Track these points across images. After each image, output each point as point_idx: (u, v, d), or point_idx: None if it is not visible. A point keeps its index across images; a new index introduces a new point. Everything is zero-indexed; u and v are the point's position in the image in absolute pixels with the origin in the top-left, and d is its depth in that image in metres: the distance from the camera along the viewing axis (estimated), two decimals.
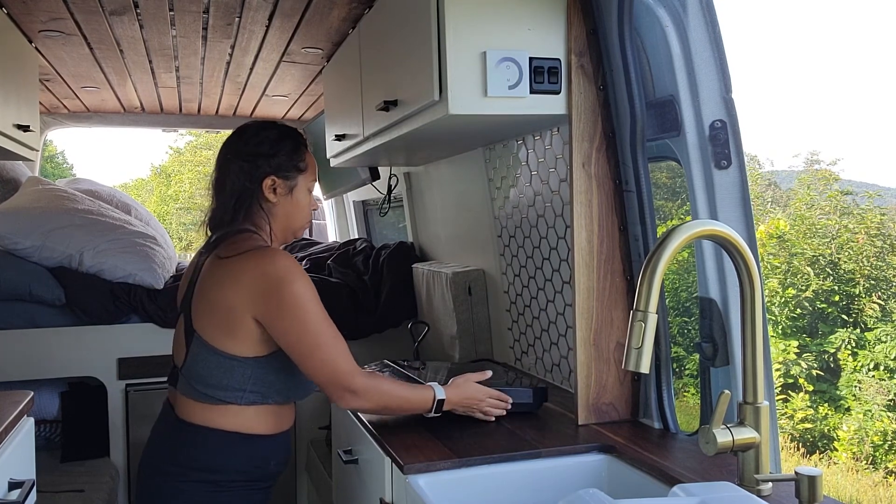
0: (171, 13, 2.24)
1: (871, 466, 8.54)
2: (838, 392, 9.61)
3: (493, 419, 1.69)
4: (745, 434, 1.22)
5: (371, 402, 1.53)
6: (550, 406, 1.83)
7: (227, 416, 1.52)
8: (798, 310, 10.14)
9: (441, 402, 1.61)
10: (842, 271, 10.34)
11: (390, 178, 3.17)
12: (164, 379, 1.66)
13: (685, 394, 7.85)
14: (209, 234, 1.64)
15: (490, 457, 1.47)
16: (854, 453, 8.71)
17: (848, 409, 9.28)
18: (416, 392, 1.59)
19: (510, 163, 2.21)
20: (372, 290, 3.03)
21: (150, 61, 2.80)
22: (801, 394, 9.48)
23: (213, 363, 1.50)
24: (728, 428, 1.22)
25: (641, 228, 1.66)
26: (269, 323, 1.47)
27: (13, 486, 1.45)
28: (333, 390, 1.49)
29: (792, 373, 9.61)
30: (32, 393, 1.67)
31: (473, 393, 1.66)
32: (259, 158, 1.59)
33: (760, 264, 1.30)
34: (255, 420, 1.54)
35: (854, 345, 9.80)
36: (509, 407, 1.70)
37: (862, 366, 9.48)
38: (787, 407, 9.36)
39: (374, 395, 1.52)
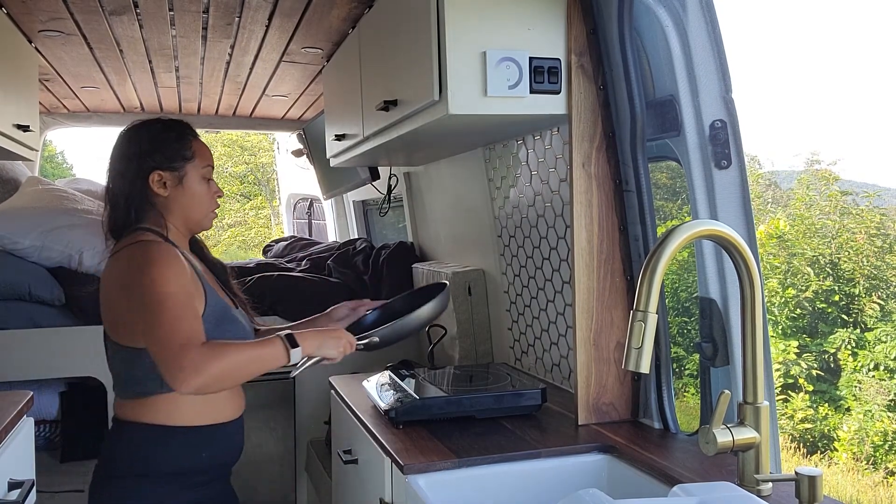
0: (171, 13, 2.24)
1: (872, 467, 8.53)
2: (838, 392, 9.60)
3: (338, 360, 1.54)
4: (745, 434, 1.22)
5: (209, 375, 1.34)
6: (550, 406, 1.83)
7: (149, 410, 1.50)
8: (798, 310, 10.14)
9: (292, 342, 1.45)
10: (842, 271, 10.34)
11: (390, 178, 3.17)
12: None
13: (685, 394, 7.84)
14: (110, 242, 1.62)
15: (490, 457, 1.47)
16: (854, 453, 8.70)
17: (848, 410, 9.28)
18: (259, 349, 1.44)
19: (510, 163, 2.21)
20: (372, 290, 3.03)
21: (150, 61, 2.80)
22: (802, 394, 9.48)
23: (119, 358, 1.52)
24: (728, 428, 1.22)
25: (641, 228, 1.66)
26: (127, 299, 1.45)
27: (13, 486, 1.45)
28: (166, 371, 1.35)
29: (792, 373, 9.60)
30: (32, 393, 1.67)
31: (329, 334, 1.53)
32: (142, 156, 1.57)
33: (760, 264, 1.30)
34: (176, 411, 1.51)
35: (854, 345, 9.79)
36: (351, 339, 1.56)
37: (862, 366, 9.47)
38: (787, 407, 9.36)
39: (210, 365, 1.34)
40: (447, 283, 1.78)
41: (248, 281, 2.95)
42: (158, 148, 1.58)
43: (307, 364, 1.49)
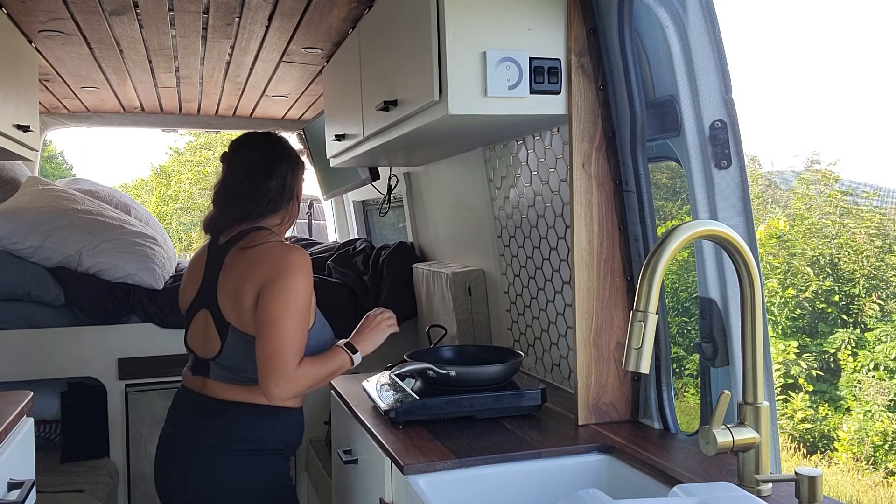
0: (171, 13, 2.24)
1: (872, 467, 8.53)
2: (838, 392, 9.60)
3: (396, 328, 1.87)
4: (745, 434, 1.22)
5: (297, 390, 1.62)
6: (550, 406, 1.83)
7: (258, 393, 1.66)
8: (798, 310, 10.14)
9: (352, 349, 1.75)
10: (841, 271, 10.34)
11: (390, 178, 3.17)
12: (164, 379, 1.68)
13: (685, 394, 7.84)
14: (234, 227, 1.78)
15: (490, 457, 1.47)
16: (854, 453, 8.70)
17: (848, 410, 9.28)
18: (335, 361, 1.71)
19: (510, 163, 2.21)
20: (372, 290, 3.03)
21: (150, 61, 2.80)
22: (801, 394, 9.48)
23: (250, 350, 1.65)
24: (728, 428, 1.22)
25: (641, 228, 1.66)
26: (266, 290, 1.62)
27: (13, 486, 1.44)
28: (268, 377, 1.58)
29: (792, 373, 9.61)
30: (32, 393, 1.66)
31: (374, 329, 1.83)
32: (298, 165, 1.82)
33: (760, 264, 1.30)
34: None
35: (854, 345, 9.79)
36: (390, 315, 1.88)
37: (862, 366, 9.47)
38: (787, 407, 9.36)
39: (302, 384, 1.61)
40: (523, 353, 1.92)
41: None
42: (300, 160, 1.84)
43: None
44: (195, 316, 1.78)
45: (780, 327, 9.99)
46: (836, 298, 10.23)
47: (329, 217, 4.80)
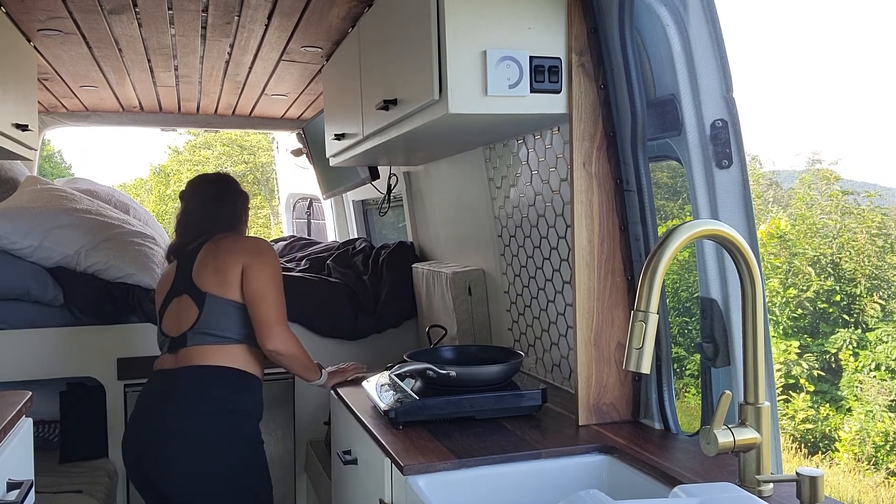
0: (170, 12, 2.23)
1: (873, 467, 8.52)
2: (840, 392, 9.59)
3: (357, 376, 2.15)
4: (746, 435, 1.22)
5: (289, 348, 2.02)
6: (551, 406, 1.82)
7: (229, 355, 2.01)
8: (799, 310, 10.13)
9: (322, 372, 2.13)
10: (843, 271, 10.33)
11: (390, 177, 3.16)
12: None
13: (686, 394, 7.84)
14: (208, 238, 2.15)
15: (490, 457, 1.46)
16: (855, 454, 8.70)
17: (849, 410, 9.27)
18: (313, 364, 2.11)
19: (510, 162, 2.20)
20: (371, 290, 3.02)
21: (149, 60, 2.79)
22: (803, 394, 9.47)
23: (225, 310, 2.02)
24: (729, 428, 1.21)
25: (642, 228, 1.65)
26: (249, 268, 2.03)
27: (12, 486, 1.44)
28: (271, 326, 1.99)
29: (793, 373, 9.60)
30: (31, 393, 1.66)
31: (346, 369, 2.18)
32: (245, 196, 2.29)
33: (761, 264, 1.29)
34: (252, 361, 2.06)
35: (855, 345, 9.78)
36: (363, 368, 2.20)
37: (863, 366, 9.46)
38: (788, 407, 9.35)
39: (292, 345, 2.03)
40: (523, 353, 1.92)
41: None
42: (246, 193, 2.31)
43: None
44: (167, 307, 2.11)
45: (781, 327, 9.98)
46: (838, 298, 10.22)
47: (329, 216, 4.80)
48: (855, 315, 10.13)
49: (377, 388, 1.86)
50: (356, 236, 4.11)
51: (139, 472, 2.00)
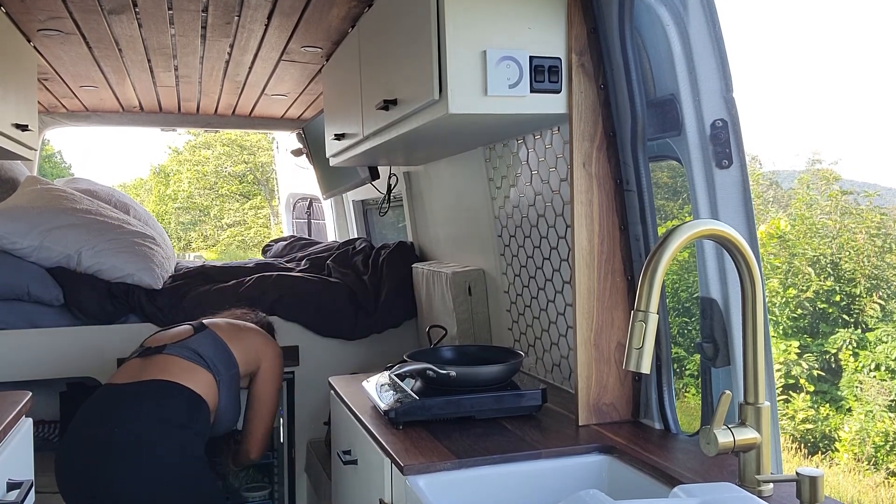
0: (170, 12, 2.23)
1: (873, 467, 8.52)
2: (839, 392, 9.59)
3: None
4: (746, 434, 1.22)
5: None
6: (551, 406, 1.82)
7: (200, 382, 2.04)
8: (799, 310, 10.13)
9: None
10: (842, 271, 10.33)
11: (390, 177, 3.16)
12: None
13: (686, 394, 7.84)
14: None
15: (490, 457, 1.46)
16: (855, 454, 8.70)
17: (849, 410, 9.27)
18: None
19: (510, 162, 2.20)
20: (371, 290, 3.02)
21: (149, 60, 2.79)
22: (803, 394, 9.47)
23: (218, 346, 2.13)
24: (729, 428, 1.21)
25: (642, 228, 1.65)
26: (260, 373, 2.30)
27: (12, 486, 1.44)
28: (258, 452, 2.33)
29: (793, 373, 9.59)
30: (31, 393, 1.66)
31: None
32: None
33: (761, 264, 1.29)
34: (212, 395, 2.07)
35: (855, 345, 9.78)
36: None
37: (863, 366, 9.46)
38: (788, 407, 9.35)
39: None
40: (523, 353, 1.91)
41: (248, 281, 2.94)
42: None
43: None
44: (166, 330, 2.23)
45: (781, 327, 9.98)
46: (837, 298, 10.22)
47: (329, 216, 4.80)
48: (855, 315, 10.13)
49: (377, 388, 1.86)
50: (356, 236, 4.11)
51: (81, 493, 1.91)
